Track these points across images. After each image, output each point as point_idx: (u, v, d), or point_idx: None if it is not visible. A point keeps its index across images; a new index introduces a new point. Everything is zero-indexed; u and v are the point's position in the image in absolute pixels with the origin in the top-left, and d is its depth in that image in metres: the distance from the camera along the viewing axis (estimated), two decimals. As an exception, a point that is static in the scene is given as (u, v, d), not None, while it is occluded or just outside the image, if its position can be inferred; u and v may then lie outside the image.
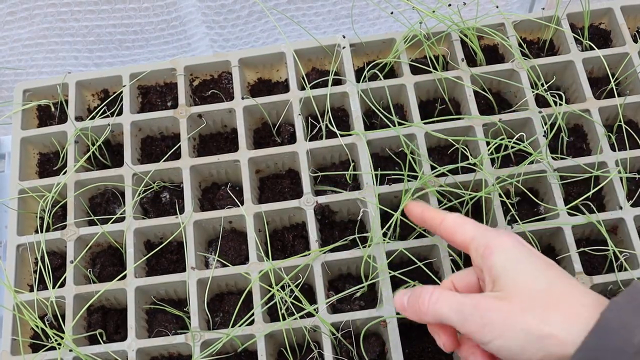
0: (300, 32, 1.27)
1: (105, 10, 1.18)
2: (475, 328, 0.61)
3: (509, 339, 0.60)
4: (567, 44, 0.94)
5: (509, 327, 0.60)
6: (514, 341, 0.60)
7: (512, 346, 0.60)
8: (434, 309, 0.65)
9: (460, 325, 0.63)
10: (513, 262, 0.64)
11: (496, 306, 0.62)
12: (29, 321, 0.82)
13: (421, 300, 0.66)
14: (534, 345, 0.59)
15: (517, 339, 0.60)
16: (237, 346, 0.81)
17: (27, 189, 0.89)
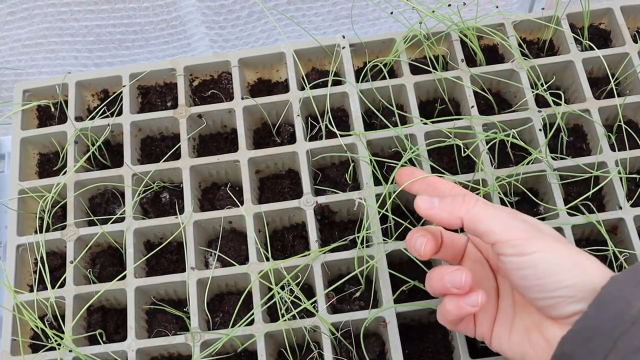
0: (300, 32, 1.27)
1: (105, 10, 1.18)
2: (521, 235, 0.62)
3: (552, 253, 0.62)
4: (567, 44, 0.94)
5: (554, 247, 0.62)
6: (554, 259, 0.61)
7: (550, 264, 0.61)
8: (474, 211, 0.64)
9: (501, 231, 0.62)
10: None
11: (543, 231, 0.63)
12: (29, 321, 0.82)
13: (458, 201, 0.66)
14: (570, 272, 0.61)
15: (559, 257, 0.61)
16: (237, 346, 0.81)
17: (27, 189, 0.89)
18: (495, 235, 0.63)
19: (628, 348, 0.55)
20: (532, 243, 0.62)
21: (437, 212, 0.66)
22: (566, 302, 0.61)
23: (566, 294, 0.60)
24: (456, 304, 0.66)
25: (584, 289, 0.60)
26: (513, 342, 0.67)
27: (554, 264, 0.61)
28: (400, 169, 0.77)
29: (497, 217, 0.64)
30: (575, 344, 0.59)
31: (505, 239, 0.62)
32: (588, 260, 0.63)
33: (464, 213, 0.65)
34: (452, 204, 0.66)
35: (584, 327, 0.59)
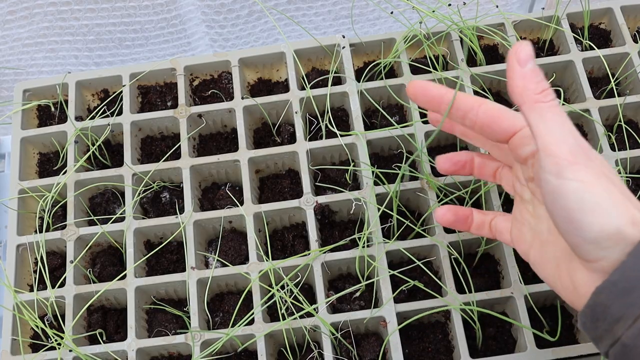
0: (300, 32, 1.27)
1: (105, 9, 1.18)
2: (567, 156, 0.55)
3: (590, 188, 0.54)
4: (567, 44, 0.94)
5: (595, 182, 0.55)
6: (590, 196, 0.54)
7: (583, 200, 0.54)
8: (544, 106, 0.57)
9: (552, 141, 0.55)
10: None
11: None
12: (29, 321, 0.82)
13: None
14: (601, 215, 0.54)
15: (597, 195, 0.54)
16: (237, 346, 0.81)
17: (27, 189, 0.89)
18: (546, 144, 0.55)
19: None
20: (574, 169, 0.54)
21: (516, 77, 0.58)
22: (593, 248, 0.55)
23: (592, 237, 0.54)
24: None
25: (615, 237, 0.54)
26: (547, 271, 0.63)
27: (588, 201, 0.54)
28: (410, 82, 0.68)
29: (556, 124, 0.56)
30: (612, 294, 0.55)
31: (555, 151, 0.55)
32: (632, 205, 0.55)
33: (532, 98, 0.57)
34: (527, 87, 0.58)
35: (622, 277, 0.54)
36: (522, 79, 0.58)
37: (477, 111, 0.64)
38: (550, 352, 0.76)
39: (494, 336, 0.82)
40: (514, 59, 0.58)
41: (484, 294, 0.80)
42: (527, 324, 0.77)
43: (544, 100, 0.57)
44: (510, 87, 0.58)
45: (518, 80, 0.58)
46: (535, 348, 0.77)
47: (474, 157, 0.73)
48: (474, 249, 0.86)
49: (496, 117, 0.64)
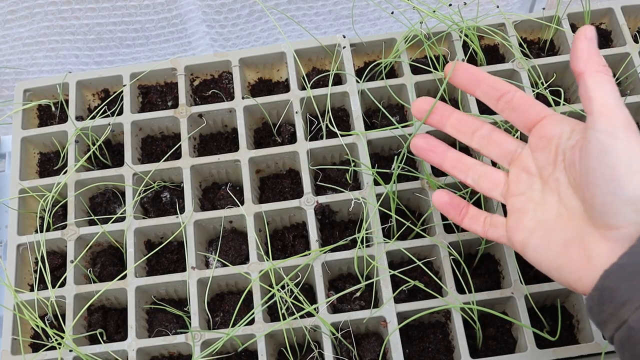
0: (300, 31, 1.27)
1: (106, 8, 1.18)
2: (624, 123, 0.59)
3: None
4: (567, 44, 0.94)
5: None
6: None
7: (635, 160, 0.57)
8: (602, 75, 0.61)
9: (612, 105, 0.59)
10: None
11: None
12: (29, 321, 0.82)
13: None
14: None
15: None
16: (237, 346, 0.81)
17: (28, 189, 0.89)
18: (602, 106, 0.59)
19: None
20: (627, 132, 0.57)
21: (584, 48, 0.62)
22: (628, 210, 0.57)
23: (633, 195, 0.56)
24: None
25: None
26: (550, 254, 0.64)
27: (637, 161, 0.56)
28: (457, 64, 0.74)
29: (614, 93, 0.60)
30: (620, 277, 0.56)
31: (610, 113, 0.58)
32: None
33: (595, 67, 0.61)
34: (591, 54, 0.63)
35: (630, 262, 0.56)
36: (588, 49, 0.62)
37: (513, 94, 0.70)
38: (551, 352, 0.76)
39: (494, 336, 0.82)
40: (583, 34, 0.63)
41: (484, 294, 0.80)
42: (527, 324, 0.77)
43: (606, 72, 0.61)
44: (576, 55, 0.62)
45: (585, 50, 0.62)
46: (535, 348, 0.77)
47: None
48: (474, 249, 0.86)
49: (530, 102, 0.69)
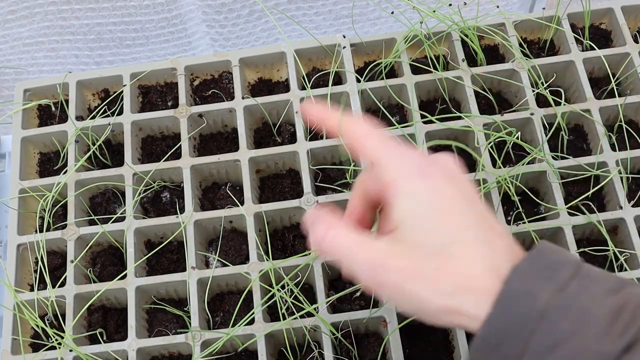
0: (300, 31, 1.27)
1: (106, 8, 1.18)
2: (371, 284, 0.54)
3: (406, 306, 0.54)
4: (567, 44, 0.94)
5: (402, 294, 0.54)
6: (411, 309, 0.54)
7: (412, 310, 0.54)
8: (330, 248, 0.56)
9: (348, 270, 0.55)
10: (417, 212, 0.54)
11: (391, 266, 0.53)
12: (30, 321, 0.82)
13: (318, 233, 0.57)
14: (435, 316, 0.54)
15: (413, 307, 0.54)
16: (237, 346, 0.81)
17: (28, 189, 0.89)
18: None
19: (540, 348, 0.50)
20: (380, 292, 0.55)
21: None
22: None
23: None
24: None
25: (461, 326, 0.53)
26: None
27: (415, 312, 0.54)
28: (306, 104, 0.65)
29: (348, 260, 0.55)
30: (486, 351, 0.52)
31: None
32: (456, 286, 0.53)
33: (327, 254, 0.57)
34: (313, 238, 0.58)
35: (490, 331, 0.52)
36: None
37: (345, 132, 0.62)
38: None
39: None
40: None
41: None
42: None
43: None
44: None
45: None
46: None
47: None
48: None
49: (360, 144, 0.61)
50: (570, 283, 0.52)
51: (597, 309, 0.50)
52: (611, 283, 0.52)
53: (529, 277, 0.52)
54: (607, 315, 0.50)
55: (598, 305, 0.50)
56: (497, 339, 0.51)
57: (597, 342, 0.49)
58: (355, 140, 0.60)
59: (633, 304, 0.51)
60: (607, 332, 0.49)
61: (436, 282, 0.53)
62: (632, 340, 0.49)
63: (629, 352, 0.49)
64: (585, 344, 0.49)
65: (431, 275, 0.53)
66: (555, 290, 0.51)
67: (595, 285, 0.52)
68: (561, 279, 0.52)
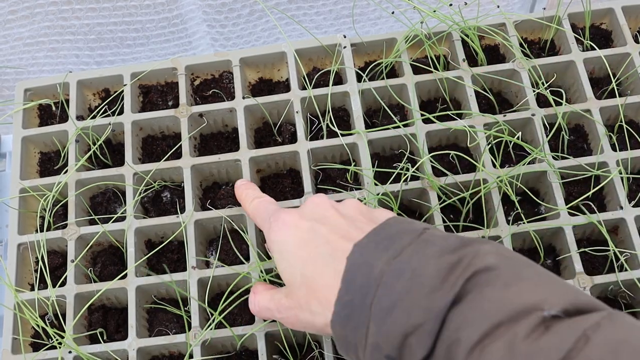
0: (301, 31, 1.27)
1: (107, 8, 1.18)
2: (285, 323, 0.69)
3: (310, 331, 0.66)
4: (568, 44, 0.94)
5: (300, 326, 0.66)
6: (312, 331, 0.66)
7: (314, 332, 0.66)
8: (259, 312, 0.73)
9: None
10: (281, 252, 0.67)
11: (285, 306, 0.67)
12: (30, 320, 0.82)
13: (250, 305, 0.75)
14: (327, 333, 0.62)
15: (311, 331, 0.66)
16: (237, 345, 0.81)
17: (28, 188, 0.89)
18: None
19: (380, 311, 0.54)
20: (292, 328, 0.70)
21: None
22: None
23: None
24: None
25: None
26: None
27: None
28: (237, 183, 0.85)
29: (271, 311, 0.71)
30: (342, 324, 0.58)
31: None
32: (316, 300, 0.63)
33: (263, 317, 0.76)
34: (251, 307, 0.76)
35: (341, 305, 0.58)
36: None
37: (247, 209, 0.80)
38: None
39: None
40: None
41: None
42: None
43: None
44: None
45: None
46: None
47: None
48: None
49: (253, 218, 0.79)
50: (407, 249, 0.56)
51: (429, 268, 0.54)
52: (450, 243, 0.57)
53: (368, 249, 0.58)
54: (437, 272, 0.54)
55: (429, 265, 0.54)
56: (346, 310, 0.57)
57: (427, 297, 0.53)
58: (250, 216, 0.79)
59: (467, 259, 0.54)
60: (438, 287, 0.53)
61: (309, 307, 0.63)
62: (460, 292, 0.52)
63: (457, 304, 0.52)
64: (417, 300, 0.53)
65: (304, 302, 0.63)
66: (391, 257, 0.56)
67: (431, 247, 0.56)
68: (398, 247, 0.57)
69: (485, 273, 0.53)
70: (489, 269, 0.53)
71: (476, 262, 0.54)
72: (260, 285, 0.75)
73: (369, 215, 0.66)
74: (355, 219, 0.65)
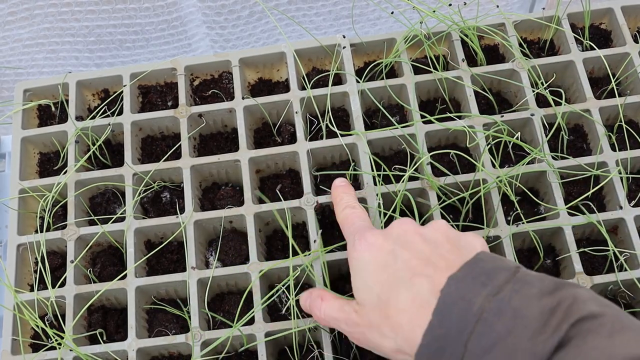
0: (300, 32, 1.27)
1: (106, 11, 1.18)
2: (350, 337, 0.69)
3: (376, 351, 0.65)
4: (567, 44, 0.94)
5: (367, 344, 0.66)
6: (377, 352, 0.65)
7: (378, 353, 0.66)
8: (324, 320, 0.72)
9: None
10: (360, 270, 0.67)
11: (354, 322, 0.66)
12: (29, 321, 0.82)
13: (314, 309, 0.73)
14: (393, 357, 0.63)
15: (378, 352, 0.65)
16: (237, 346, 0.81)
17: (28, 189, 0.89)
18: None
19: (478, 349, 0.53)
20: (359, 344, 0.68)
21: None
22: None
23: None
24: None
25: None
26: None
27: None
28: (336, 181, 0.83)
29: (339, 322, 0.69)
30: (430, 358, 0.56)
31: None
32: (392, 326, 0.62)
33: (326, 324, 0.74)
34: (312, 312, 0.74)
35: (432, 338, 0.56)
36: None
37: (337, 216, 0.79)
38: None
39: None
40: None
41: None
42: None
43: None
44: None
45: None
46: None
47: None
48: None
49: (341, 226, 0.78)
50: (505, 287, 0.55)
51: (531, 309, 0.54)
52: (546, 285, 0.56)
53: (465, 284, 0.57)
54: (540, 315, 0.53)
55: (531, 306, 0.54)
56: (438, 343, 0.56)
57: (531, 341, 0.52)
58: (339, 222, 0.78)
59: (566, 303, 0.54)
60: (541, 331, 0.52)
61: (380, 329, 0.62)
62: (564, 338, 0.52)
63: (562, 348, 0.52)
64: (520, 342, 0.52)
65: (376, 323, 0.63)
66: (490, 294, 0.55)
67: (529, 287, 0.55)
68: (496, 284, 0.56)
69: (589, 320, 0.53)
70: (593, 316, 0.53)
71: (579, 308, 0.53)
72: (328, 293, 0.73)
73: (455, 242, 0.65)
74: (439, 245, 0.64)
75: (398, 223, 0.68)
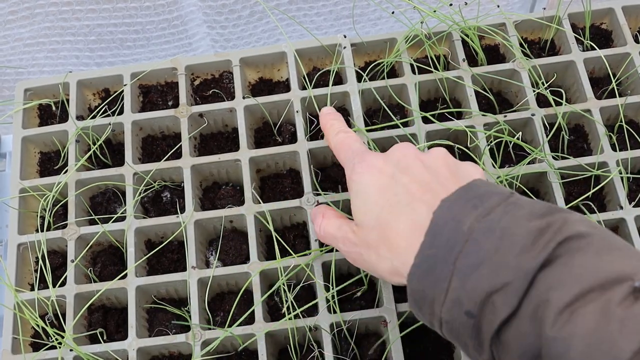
0: (301, 32, 1.27)
1: (107, 10, 1.18)
2: (345, 256, 0.71)
3: (370, 271, 0.68)
4: (568, 44, 0.94)
5: (363, 265, 0.68)
6: (373, 273, 0.68)
7: (374, 274, 0.69)
8: (323, 237, 0.74)
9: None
10: (360, 192, 0.67)
11: (352, 241, 0.68)
12: (30, 320, 0.82)
13: (315, 225, 0.75)
14: (388, 279, 0.64)
15: (373, 273, 0.68)
16: (237, 345, 0.81)
17: (28, 188, 0.89)
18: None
19: (466, 267, 0.54)
20: (356, 264, 0.70)
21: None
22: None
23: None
24: None
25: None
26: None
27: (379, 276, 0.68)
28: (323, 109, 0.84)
29: (337, 239, 0.72)
30: (421, 277, 0.57)
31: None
32: (389, 247, 0.63)
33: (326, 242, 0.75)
34: (315, 227, 0.76)
35: (423, 257, 0.57)
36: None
37: (329, 141, 0.79)
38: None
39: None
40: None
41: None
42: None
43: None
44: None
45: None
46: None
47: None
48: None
49: (336, 151, 0.78)
50: (496, 209, 0.56)
51: (519, 229, 0.54)
52: (537, 208, 0.57)
53: (457, 205, 0.58)
54: (529, 234, 0.54)
55: (520, 226, 0.54)
56: (428, 263, 0.57)
57: (517, 257, 0.53)
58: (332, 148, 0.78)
59: (556, 225, 0.55)
60: (528, 249, 0.53)
61: (377, 250, 0.63)
62: (551, 255, 0.53)
63: (548, 266, 0.52)
64: (506, 259, 0.53)
65: (374, 244, 0.64)
66: (480, 215, 0.56)
67: (520, 210, 0.56)
68: (487, 206, 0.57)
69: (576, 239, 0.53)
70: (581, 235, 0.54)
71: (567, 228, 0.54)
72: (330, 211, 0.75)
73: (454, 170, 0.65)
74: (438, 172, 0.64)
75: (399, 147, 0.69)
